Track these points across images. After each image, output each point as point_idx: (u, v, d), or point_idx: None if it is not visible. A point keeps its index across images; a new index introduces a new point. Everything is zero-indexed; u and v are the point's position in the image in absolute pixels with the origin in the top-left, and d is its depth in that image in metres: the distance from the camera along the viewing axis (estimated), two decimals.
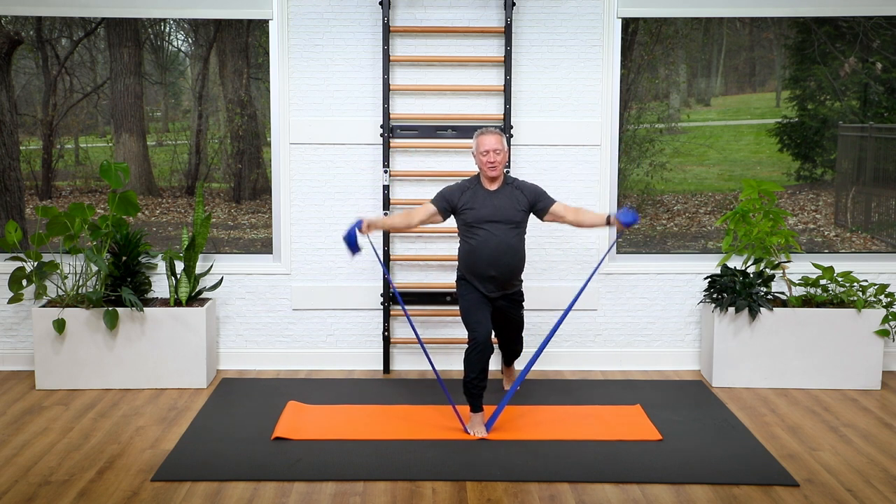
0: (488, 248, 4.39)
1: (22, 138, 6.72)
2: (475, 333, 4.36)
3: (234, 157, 7.02)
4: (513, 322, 4.67)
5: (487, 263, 4.41)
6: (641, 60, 6.83)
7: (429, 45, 5.40)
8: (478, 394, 4.41)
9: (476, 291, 4.48)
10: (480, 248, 4.40)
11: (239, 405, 4.84)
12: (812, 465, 4.10)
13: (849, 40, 6.63)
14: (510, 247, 4.41)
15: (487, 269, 4.41)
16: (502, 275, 4.43)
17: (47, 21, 6.70)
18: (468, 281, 4.51)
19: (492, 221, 4.40)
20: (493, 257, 4.39)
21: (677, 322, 5.62)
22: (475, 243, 4.42)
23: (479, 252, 4.41)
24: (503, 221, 4.40)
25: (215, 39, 6.82)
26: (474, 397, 4.41)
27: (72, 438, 4.38)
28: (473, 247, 4.43)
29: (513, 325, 4.69)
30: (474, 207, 4.42)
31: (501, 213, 4.40)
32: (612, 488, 3.83)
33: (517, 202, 4.44)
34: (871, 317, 5.18)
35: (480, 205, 4.42)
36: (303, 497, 3.73)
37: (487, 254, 4.39)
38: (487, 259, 4.40)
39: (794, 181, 7.13)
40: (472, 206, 4.43)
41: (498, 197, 4.44)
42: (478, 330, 4.36)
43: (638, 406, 4.82)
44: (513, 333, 4.75)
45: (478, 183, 4.49)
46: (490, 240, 4.38)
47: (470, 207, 4.43)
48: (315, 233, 5.53)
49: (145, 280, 5.33)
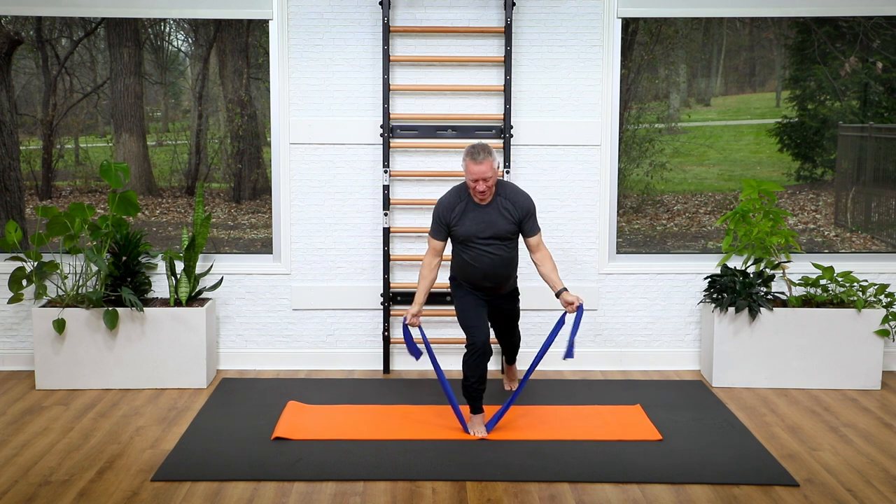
0: (481, 264, 4.36)
1: (22, 138, 6.72)
2: (473, 338, 4.35)
3: (234, 157, 7.02)
4: (507, 314, 4.64)
5: (482, 277, 4.40)
6: (641, 60, 6.84)
7: (429, 45, 5.40)
8: (477, 396, 4.41)
9: (470, 293, 4.48)
10: (473, 264, 4.37)
11: (239, 405, 4.84)
12: (812, 465, 4.10)
13: (849, 40, 6.63)
14: (502, 259, 4.38)
15: (482, 281, 4.41)
16: (496, 284, 4.44)
17: (47, 21, 6.70)
18: (461, 283, 4.51)
19: (483, 238, 4.33)
20: (486, 273, 4.38)
21: (677, 322, 5.62)
22: (468, 258, 4.38)
23: (473, 268, 4.38)
24: (494, 238, 4.34)
25: (215, 39, 6.82)
26: (474, 399, 4.42)
27: (72, 438, 4.38)
28: (466, 261, 4.40)
29: (507, 316, 4.66)
30: (464, 224, 4.34)
31: (492, 230, 4.33)
32: (612, 488, 3.83)
33: (508, 217, 4.34)
34: (871, 317, 5.18)
35: (471, 221, 4.34)
36: (303, 497, 3.74)
37: (481, 269, 4.37)
38: (481, 274, 4.39)
39: (794, 181, 7.13)
40: (463, 222, 4.34)
41: (488, 212, 4.34)
42: (476, 335, 4.35)
43: (638, 406, 4.82)
44: (509, 324, 4.71)
45: (468, 197, 4.37)
46: (483, 257, 4.35)
47: (459, 223, 4.35)
48: (315, 233, 5.53)
49: (145, 280, 5.33)
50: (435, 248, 4.46)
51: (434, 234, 4.45)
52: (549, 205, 5.48)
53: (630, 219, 6.99)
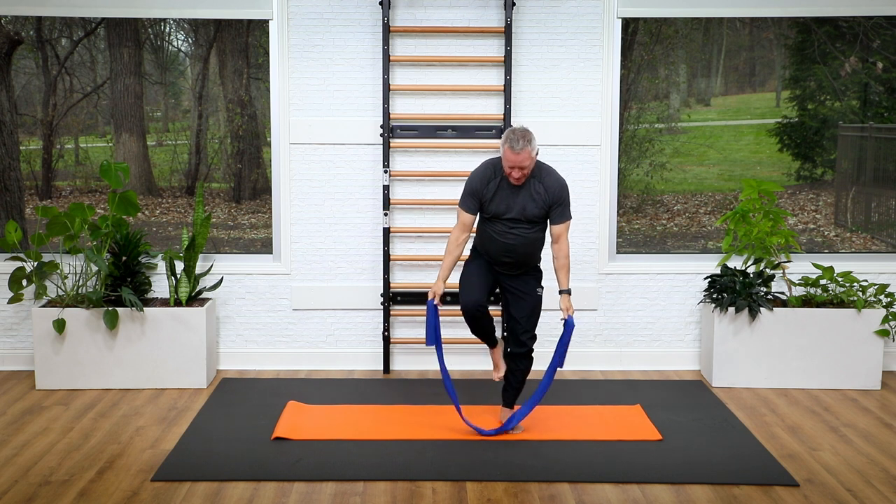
0: (505, 239, 4.30)
1: (22, 138, 6.72)
2: (462, 300, 4.36)
3: (234, 157, 7.02)
4: (520, 301, 4.40)
5: (503, 251, 4.32)
6: (641, 60, 6.83)
7: (429, 45, 5.40)
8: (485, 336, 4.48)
9: (483, 263, 4.41)
10: (497, 239, 4.32)
11: (239, 405, 4.84)
12: (812, 465, 4.10)
13: (849, 40, 6.63)
14: (527, 239, 4.32)
15: (502, 255, 4.34)
16: (516, 259, 4.35)
17: (47, 21, 6.70)
18: (480, 253, 4.45)
19: (511, 219, 4.28)
20: (508, 246, 4.31)
21: (677, 322, 5.62)
22: (493, 233, 4.33)
23: (496, 242, 4.32)
24: (523, 220, 4.29)
25: (215, 39, 6.82)
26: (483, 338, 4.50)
27: (72, 438, 4.38)
28: (491, 236, 4.34)
29: (523, 303, 4.39)
30: (494, 201, 4.29)
31: (521, 212, 4.28)
32: (612, 488, 3.83)
33: (538, 200, 4.28)
34: (871, 317, 5.18)
35: (501, 199, 4.28)
36: (303, 497, 3.73)
37: (504, 245, 4.31)
38: (503, 249, 4.32)
39: (794, 181, 7.13)
40: (494, 199, 4.29)
41: (521, 194, 4.28)
42: (465, 296, 4.35)
43: (638, 406, 4.82)
44: (524, 311, 4.40)
45: (503, 174, 4.29)
46: (508, 234, 4.30)
47: (491, 200, 4.30)
48: (315, 233, 5.53)
49: (145, 280, 5.33)
50: (465, 221, 4.39)
51: (464, 206, 4.37)
52: None
53: (630, 219, 6.98)
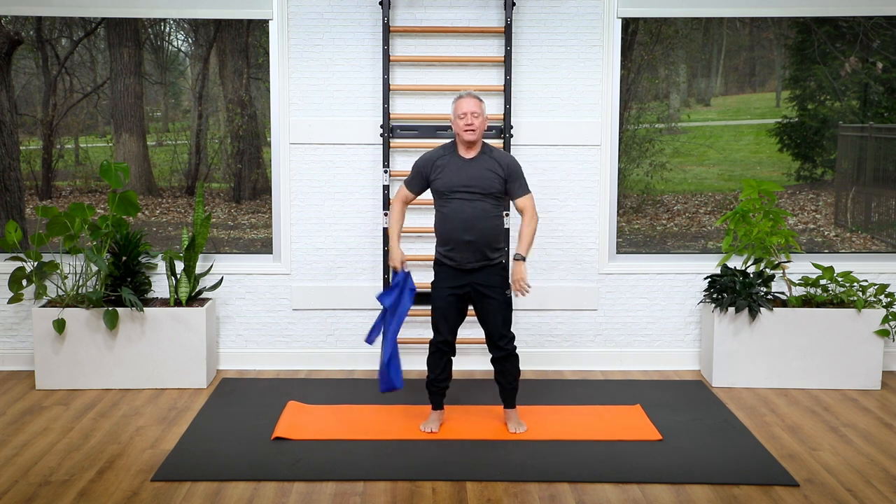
0: (463, 214, 4.21)
1: (22, 138, 6.72)
2: (435, 336, 4.39)
3: (234, 157, 7.02)
4: (493, 303, 4.28)
5: (463, 228, 4.20)
6: (641, 60, 6.84)
7: (429, 45, 5.40)
8: (436, 392, 4.46)
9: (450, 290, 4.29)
10: (454, 215, 4.22)
11: (239, 405, 4.84)
12: (812, 465, 4.10)
13: (849, 40, 6.63)
14: (485, 212, 4.22)
15: (463, 234, 4.21)
16: (479, 238, 4.21)
17: (47, 21, 6.70)
18: (444, 265, 4.32)
19: (465, 191, 4.21)
20: (467, 222, 4.20)
21: (677, 322, 5.62)
22: (447, 211, 4.25)
23: (453, 218, 4.22)
24: (478, 191, 4.22)
25: (215, 39, 6.82)
26: (434, 395, 4.48)
27: (72, 438, 4.38)
28: (446, 214, 4.26)
29: (493, 308, 4.28)
30: (446, 175, 4.25)
31: (476, 182, 4.22)
32: (612, 488, 3.83)
33: (493, 174, 4.24)
34: (871, 317, 5.18)
35: (453, 173, 4.24)
36: (303, 497, 3.74)
37: (462, 219, 4.20)
38: (462, 224, 4.20)
39: (794, 181, 7.13)
40: (445, 174, 4.26)
41: (473, 166, 4.25)
42: (438, 334, 4.38)
43: (638, 406, 4.82)
44: (496, 319, 4.29)
45: (453, 151, 4.31)
46: (464, 207, 4.21)
47: (441, 175, 4.26)
48: (315, 233, 5.53)
49: (145, 280, 5.33)
50: (404, 196, 4.43)
51: (407, 183, 4.42)
52: (549, 205, 5.48)
53: (630, 219, 6.99)
